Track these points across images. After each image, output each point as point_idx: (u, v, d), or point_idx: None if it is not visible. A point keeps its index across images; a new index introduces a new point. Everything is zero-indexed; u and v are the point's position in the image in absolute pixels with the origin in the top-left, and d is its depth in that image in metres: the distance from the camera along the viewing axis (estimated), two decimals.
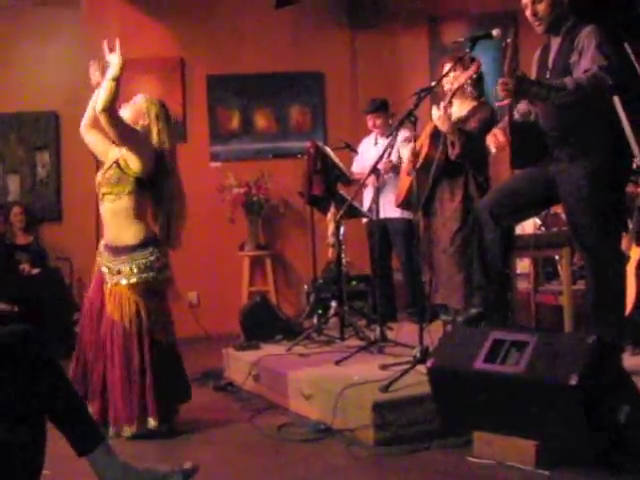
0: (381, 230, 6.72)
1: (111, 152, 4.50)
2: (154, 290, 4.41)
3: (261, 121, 8.80)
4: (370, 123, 6.99)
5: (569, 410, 3.22)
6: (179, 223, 4.49)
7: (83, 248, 4.85)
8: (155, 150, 4.38)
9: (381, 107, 6.96)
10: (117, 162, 4.37)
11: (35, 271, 7.66)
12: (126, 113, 4.42)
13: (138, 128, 4.39)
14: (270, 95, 8.76)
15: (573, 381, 3.17)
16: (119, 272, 4.32)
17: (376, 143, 6.97)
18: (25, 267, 7.65)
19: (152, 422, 4.27)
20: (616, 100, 3.95)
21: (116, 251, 4.37)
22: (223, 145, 8.74)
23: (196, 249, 7.91)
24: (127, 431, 4.26)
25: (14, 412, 2.52)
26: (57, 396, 2.67)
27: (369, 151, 6.95)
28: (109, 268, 4.37)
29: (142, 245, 4.35)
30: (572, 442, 3.30)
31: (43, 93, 8.32)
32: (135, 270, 4.31)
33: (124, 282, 4.31)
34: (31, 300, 7.16)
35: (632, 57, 4.51)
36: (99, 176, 4.49)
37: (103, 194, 4.43)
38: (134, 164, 4.31)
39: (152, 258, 4.35)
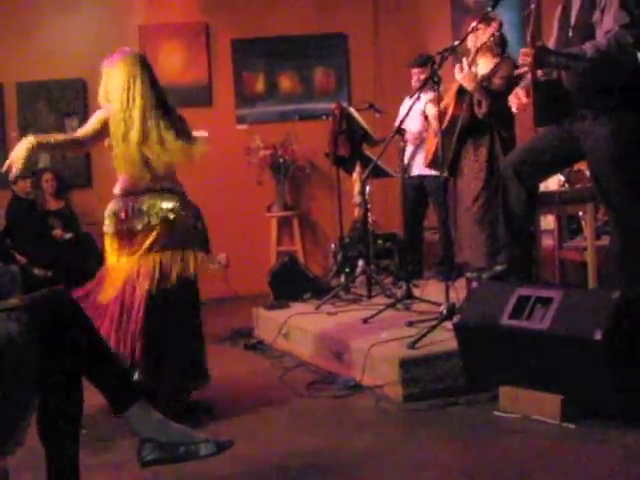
0: (417, 188, 6.73)
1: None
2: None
3: (286, 83, 8.82)
4: (415, 78, 6.82)
5: (594, 365, 3.26)
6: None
7: None
8: None
9: (427, 62, 6.81)
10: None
11: (68, 236, 7.74)
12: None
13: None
14: (294, 57, 8.77)
15: (597, 336, 3.22)
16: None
17: (419, 99, 6.87)
18: (57, 232, 7.72)
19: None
20: None
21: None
22: (249, 108, 8.78)
23: (225, 211, 8.02)
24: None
25: (50, 374, 2.59)
26: (92, 356, 2.72)
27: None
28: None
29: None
30: (597, 396, 3.35)
31: (70, 61, 8.36)
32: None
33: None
34: (64, 265, 7.21)
35: None
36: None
37: None
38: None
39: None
